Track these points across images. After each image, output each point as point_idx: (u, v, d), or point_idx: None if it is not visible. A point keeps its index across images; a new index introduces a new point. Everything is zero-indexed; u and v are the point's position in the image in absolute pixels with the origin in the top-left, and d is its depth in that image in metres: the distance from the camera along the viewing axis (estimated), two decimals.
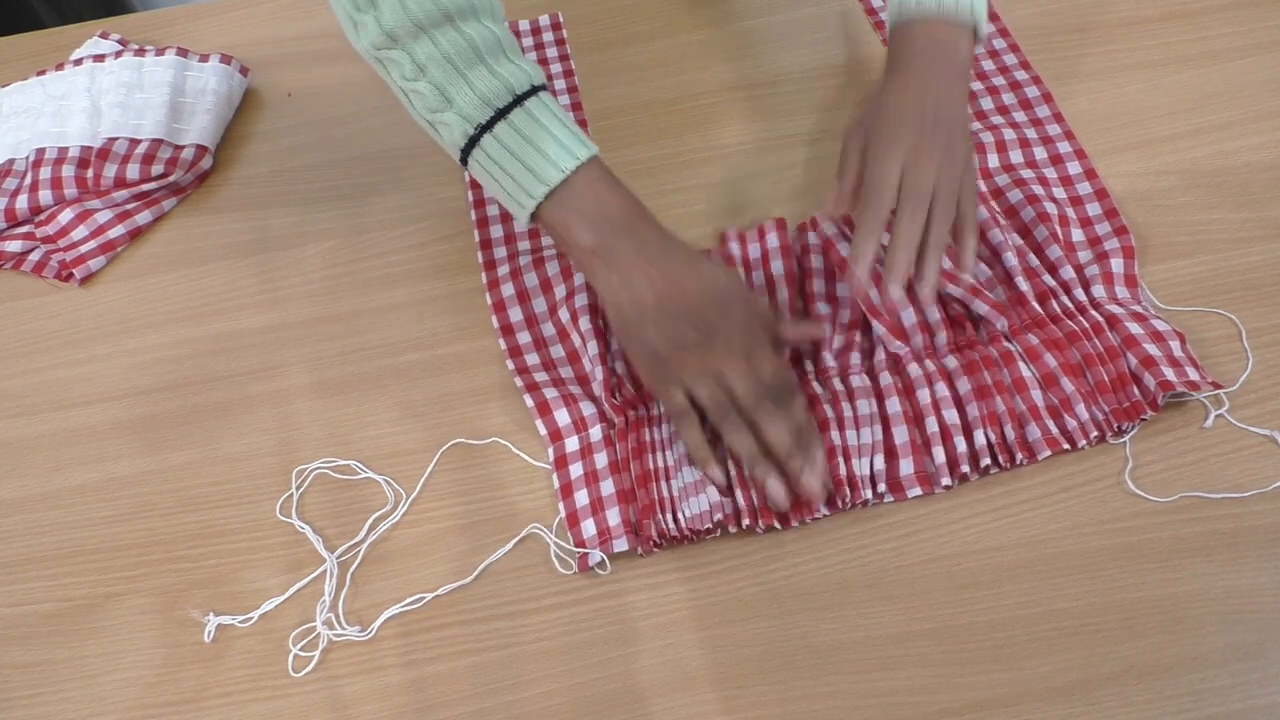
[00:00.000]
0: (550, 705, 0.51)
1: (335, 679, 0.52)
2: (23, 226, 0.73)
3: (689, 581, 0.54)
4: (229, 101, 0.78)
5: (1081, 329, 0.58)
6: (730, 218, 0.68)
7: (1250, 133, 0.68)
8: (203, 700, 0.52)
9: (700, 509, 0.53)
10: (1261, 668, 0.48)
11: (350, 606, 0.55)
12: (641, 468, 0.56)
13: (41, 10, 1.27)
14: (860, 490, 0.54)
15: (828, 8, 0.80)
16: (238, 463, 0.61)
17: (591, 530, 0.55)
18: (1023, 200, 0.64)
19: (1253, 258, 0.62)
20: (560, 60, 0.79)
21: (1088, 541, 0.53)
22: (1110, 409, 0.55)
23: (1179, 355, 0.56)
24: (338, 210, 0.72)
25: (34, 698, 0.53)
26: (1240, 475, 0.54)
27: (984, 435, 0.54)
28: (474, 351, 0.64)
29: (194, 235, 0.73)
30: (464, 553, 0.56)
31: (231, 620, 0.55)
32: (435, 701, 0.51)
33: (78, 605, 0.56)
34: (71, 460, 0.62)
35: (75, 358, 0.67)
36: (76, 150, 0.72)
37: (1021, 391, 0.56)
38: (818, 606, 0.52)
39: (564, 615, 0.53)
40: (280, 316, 0.67)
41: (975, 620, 0.51)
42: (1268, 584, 0.50)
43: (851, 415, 0.56)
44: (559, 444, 0.58)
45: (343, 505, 0.58)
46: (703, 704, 0.50)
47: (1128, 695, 0.48)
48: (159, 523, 0.59)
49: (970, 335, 0.59)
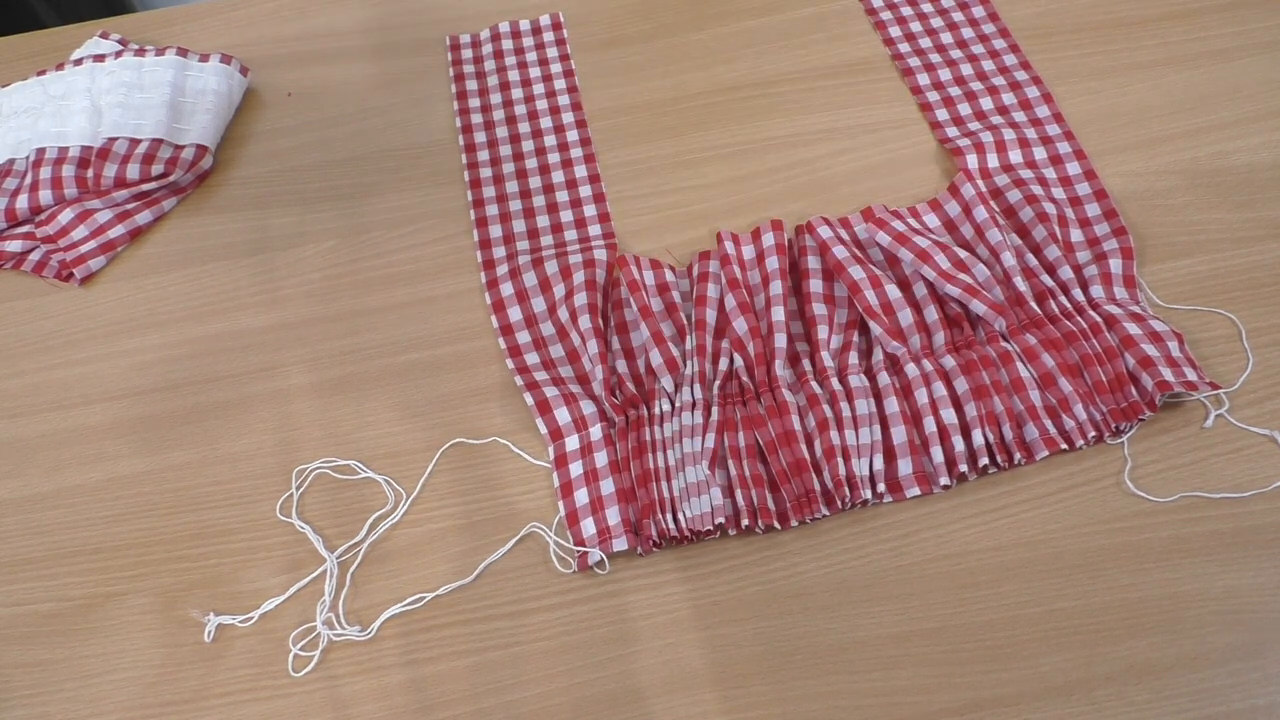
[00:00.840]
0: (550, 705, 0.51)
1: (335, 679, 0.52)
2: (23, 226, 0.73)
3: (689, 581, 0.54)
4: (229, 101, 0.78)
5: (1079, 329, 0.58)
6: (730, 218, 0.68)
7: (1250, 133, 0.68)
8: (203, 700, 0.52)
9: (701, 510, 0.54)
10: (1261, 668, 0.48)
11: (350, 606, 0.55)
12: (642, 467, 0.56)
13: (41, 10, 1.27)
14: (860, 490, 0.54)
15: (828, 8, 0.80)
16: (238, 463, 0.61)
17: (591, 529, 0.55)
18: (1021, 200, 0.64)
19: (1253, 258, 0.62)
20: (560, 60, 0.79)
21: (1088, 541, 0.53)
22: (1108, 409, 0.55)
23: (1177, 355, 0.56)
24: (338, 210, 0.73)
25: (34, 698, 0.53)
26: (1240, 475, 0.54)
27: (982, 435, 0.55)
28: (474, 351, 0.64)
29: (194, 235, 0.73)
30: (464, 552, 0.56)
31: (231, 620, 0.55)
32: (435, 701, 0.51)
33: (78, 605, 0.56)
34: (71, 460, 0.62)
35: (75, 358, 0.67)
36: (76, 150, 0.72)
37: (1019, 391, 0.56)
38: (818, 606, 0.52)
39: (564, 615, 0.53)
40: (280, 316, 0.67)
41: (975, 620, 0.51)
42: (1268, 584, 0.50)
43: (850, 415, 0.56)
44: (559, 443, 0.58)
45: (343, 505, 0.58)
46: (703, 704, 0.50)
47: (1128, 695, 0.48)
48: (159, 523, 0.59)
49: (968, 335, 0.59)
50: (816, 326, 0.59)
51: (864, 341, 0.60)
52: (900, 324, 0.58)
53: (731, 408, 0.57)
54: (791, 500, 0.54)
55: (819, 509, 0.54)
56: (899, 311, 0.58)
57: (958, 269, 0.60)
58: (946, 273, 0.59)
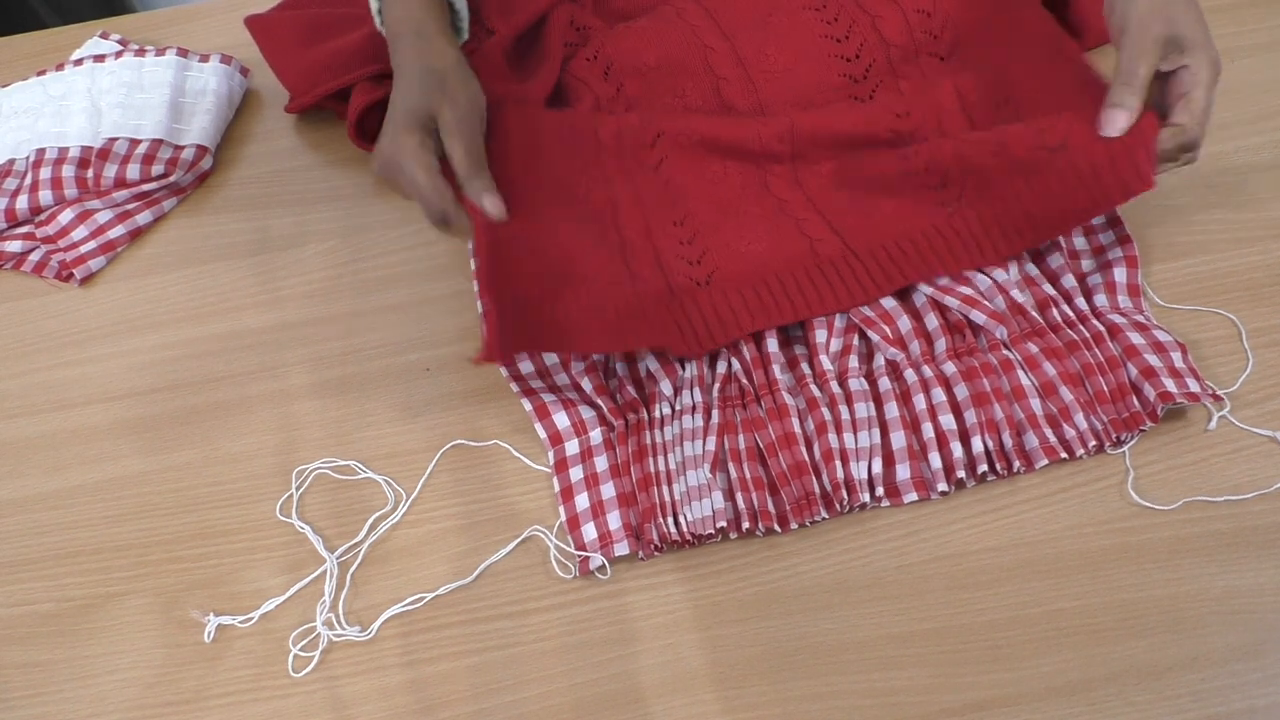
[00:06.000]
0: (550, 705, 0.51)
1: (335, 679, 0.52)
2: (23, 226, 0.73)
3: (689, 582, 0.54)
4: (229, 102, 0.78)
5: (1082, 338, 0.57)
6: None
7: (1250, 133, 0.68)
8: (203, 700, 0.52)
9: (702, 514, 0.53)
10: (1261, 668, 0.48)
11: (350, 606, 0.55)
12: (642, 471, 0.56)
13: (42, 10, 1.27)
14: (858, 493, 0.54)
15: None
16: (237, 463, 0.61)
17: (592, 534, 0.55)
18: None
19: (1253, 258, 0.62)
20: None
21: (1088, 542, 0.53)
22: (1109, 419, 0.55)
23: (1180, 366, 0.56)
24: (338, 210, 0.73)
25: (34, 698, 0.53)
26: (1240, 476, 0.54)
27: (981, 442, 0.54)
28: (474, 351, 0.64)
29: (194, 235, 0.73)
30: (464, 553, 0.56)
31: (231, 620, 0.55)
32: (435, 701, 0.51)
33: (78, 605, 0.56)
34: (71, 460, 0.62)
35: (75, 358, 0.67)
36: (77, 150, 0.72)
37: (1020, 400, 0.56)
38: (818, 606, 0.52)
39: (564, 615, 0.53)
40: (280, 316, 0.67)
41: (975, 620, 0.51)
42: (1268, 584, 0.50)
43: (849, 419, 0.56)
44: (559, 447, 0.58)
45: (343, 505, 0.58)
46: (703, 704, 0.50)
47: (1128, 695, 0.48)
48: (159, 523, 0.59)
49: (970, 342, 0.58)
50: (815, 330, 0.59)
51: (864, 345, 0.60)
52: (899, 330, 0.58)
53: (731, 411, 0.57)
54: (791, 503, 0.54)
55: (819, 512, 0.54)
56: (897, 319, 0.58)
57: (958, 281, 0.59)
58: (944, 287, 0.59)
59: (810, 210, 0.63)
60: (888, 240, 0.61)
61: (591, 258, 0.60)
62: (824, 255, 0.61)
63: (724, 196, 0.64)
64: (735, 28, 0.69)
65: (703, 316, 0.59)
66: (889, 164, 0.63)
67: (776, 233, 0.62)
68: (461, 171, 0.57)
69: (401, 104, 0.58)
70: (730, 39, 0.69)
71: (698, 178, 0.64)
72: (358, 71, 0.71)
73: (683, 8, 0.71)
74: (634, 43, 0.69)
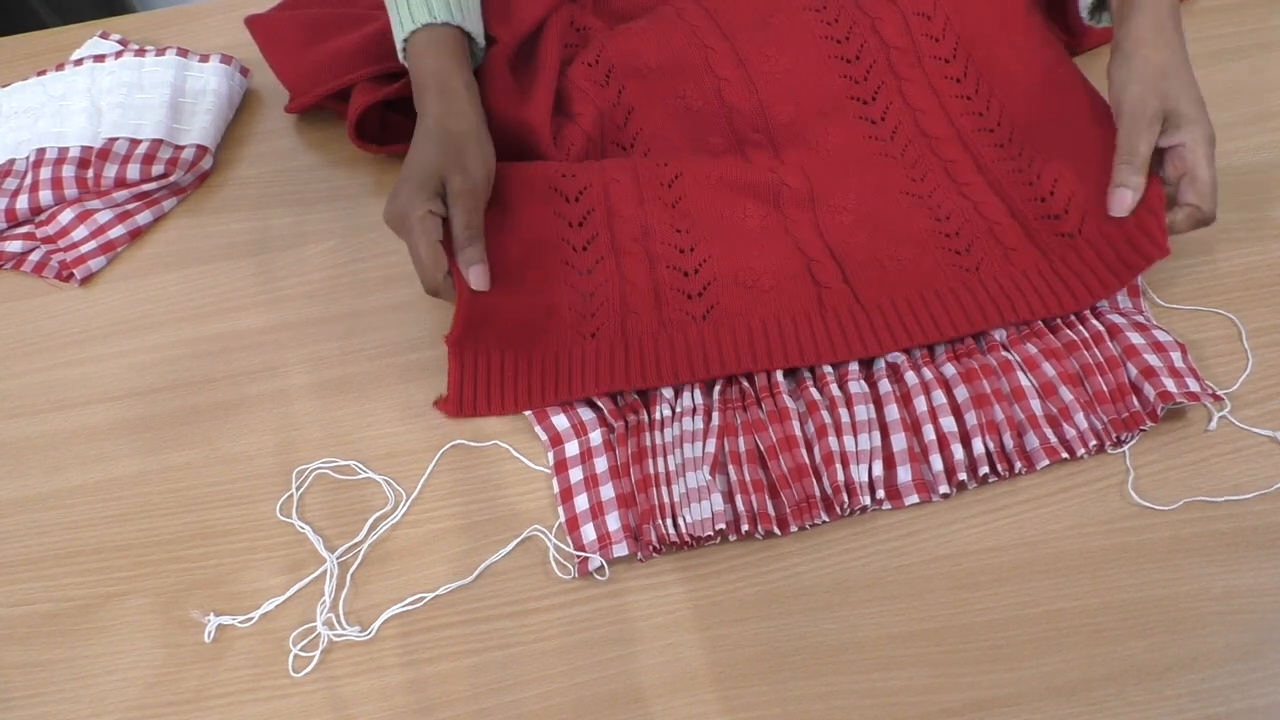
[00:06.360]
0: (550, 705, 0.51)
1: (335, 679, 0.52)
2: (23, 226, 0.73)
3: (689, 582, 0.54)
4: (229, 102, 0.78)
5: (1081, 339, 0.57)
6: None
7: (1250, 133, 0.68)
8: (203, 700, 0.52)
9: (701, 516, 0.53)
10: (1261, 668, 0.48)
11: (350, 606, 0.55)
12: (642, 472, 0.56)
13: (42, 10, 1.27)
14: (859, 496, 0.53)
15: None
16: (237, 463, 0.61)
17: (591, 535, 0.55)
18: None
19: (1253, 258, 0.62)
20: None
21: (1088, 541, 0.53)
22: (1109, 419, 0.55)
23: (1180, 366, 0.56)
24: (338, 210, 0.73)
25: (34, 698, 0.53)
26: (1241, 476, 0.54)
27: (982, 444, 0.54)
28: None
29: (194, 235, 0.73)
30: (464, 553, 0.56)
31: (231, 620, 0.55)
32: (435, 701, 0.51)
33: (78, 605, 0.56)
34: (71, 460, 0.62)
35: (75, 358, 0.67)
36: (77, 150, 0.72)
37: (1020, 400, 0.56)
38: (818, 606, 0.52)
39: (564, 615, 0.53)
40: (280, 316, 0.67)
41: (975, 620, 0.51)
42: (1268, 584, 0.50)
43: (849, 421, 0.56)
44: (559, 448, 0.58)
45: (343, 505, 0.58)
46: (703, 704, 0.50)
47: (1128, 695, 0.48)
48: (159, 523, 0.59)
49: (969, 344, 0.58)
50: None
51: None
52: None
53: (732, 413, 0.57)
54: (791, 506, 0.54)
55: (819, 515, 0.54)
56: None
57: None
58: None
59: (826, 254, 0.63)
60: (898, 296, 0.60)
61: (564, 311, 0.62)
62: (829, 304, 0.61)
63: (739, 232, 0.64)
64: (736, 28, 0.69)
65: (703, 351, 0.59)
66: (915, 221, 0.63)
67: (782, 270, 0.62)
68: (457, 240, 0.59)
69: (417, 163, 0.60)
70: (730, 39, 0.69)
71: (718, 218, 0.64)
72: (358, 72, 0.71)
73: (683, 8, 0.71)
74: (634, 44, 0.69)
